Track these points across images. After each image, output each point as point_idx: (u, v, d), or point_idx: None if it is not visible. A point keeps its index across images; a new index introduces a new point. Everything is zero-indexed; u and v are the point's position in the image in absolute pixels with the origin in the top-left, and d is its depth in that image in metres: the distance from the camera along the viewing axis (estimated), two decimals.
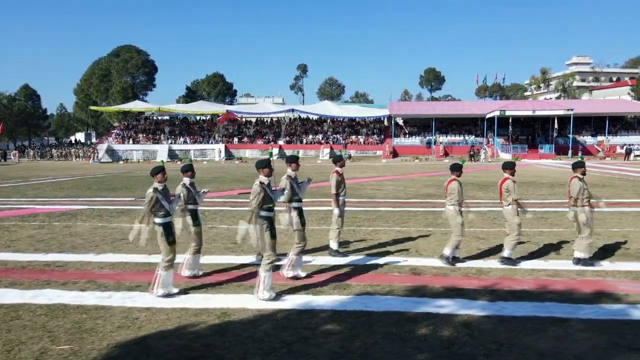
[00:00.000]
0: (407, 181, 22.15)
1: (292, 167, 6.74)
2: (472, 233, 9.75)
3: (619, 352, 4.24)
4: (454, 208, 7.37)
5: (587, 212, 7.21)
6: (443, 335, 4.65)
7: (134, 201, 15.27)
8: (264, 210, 5.78)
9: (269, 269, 5.71)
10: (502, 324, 4.92)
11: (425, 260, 7.57)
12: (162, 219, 5.98)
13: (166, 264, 5.93)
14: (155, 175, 6.05)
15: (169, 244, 5.98)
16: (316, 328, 4.86)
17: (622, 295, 5.84)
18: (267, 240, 5.75)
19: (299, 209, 6.80)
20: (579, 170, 7.35)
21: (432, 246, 8.61)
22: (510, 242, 7.27)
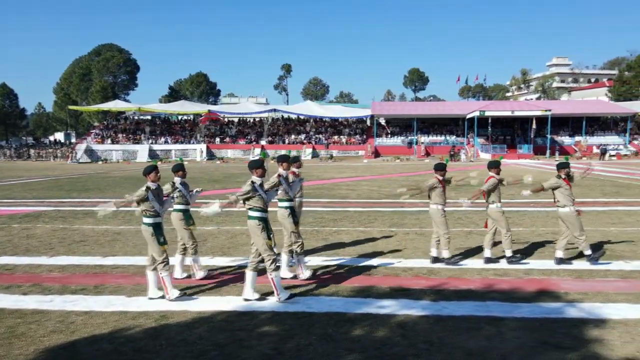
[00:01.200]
0: (384, 181, 22.23)
1: (284, 166, 6.71)
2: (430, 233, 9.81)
3: (545, 350, 4.30)
4: (436, 207, 7.39)
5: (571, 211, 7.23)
6: (377, 335, 4.67)
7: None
8: (256, 210, 5.71)
9: (275, 269, 5.62)
10: (438, 324, 4.96)
11: (378, 261, 7.60)
12: (152, 219, 5.88)
13: (163, 264, 5.83)
14: (148, 175, 5.97)
15: (160, 244, 5.87)
16: (253, 330, 4.84)
17: (563, 293, 5.93)
18: (263, 240, 5.66)
19: (291, 208, 6.78)
20: (564, 171, 7.41)
21: (391, 246, 8.65)
22: (506, 240, 7.33)
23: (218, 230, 10.29)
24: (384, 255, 8.01)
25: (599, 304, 5.50)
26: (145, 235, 5.92)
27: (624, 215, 11.67)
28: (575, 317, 5.12)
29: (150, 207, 5.86)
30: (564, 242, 7.34)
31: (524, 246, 8.53)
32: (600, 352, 4.24)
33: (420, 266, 7.27)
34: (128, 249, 8.69)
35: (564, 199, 7.25)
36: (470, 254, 8.01)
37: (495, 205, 7.41)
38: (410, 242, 9.00)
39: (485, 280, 6.55)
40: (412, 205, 13.98)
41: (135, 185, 20.97)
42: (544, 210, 12.46)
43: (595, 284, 6.31)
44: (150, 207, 5.86)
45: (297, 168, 8.26)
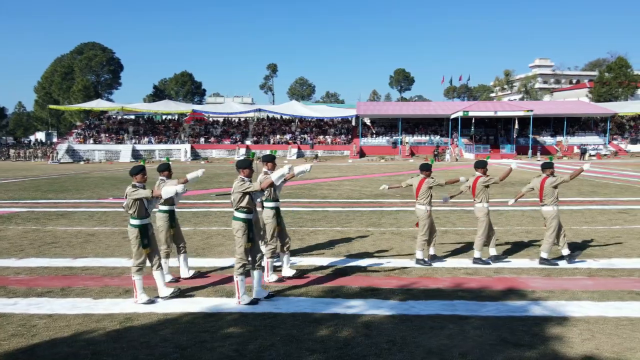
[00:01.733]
0: (367, 181, 22.30)
1: (269, 166, 6.66)
2: (408, 232, 9.88)
3: (504, 348, 4.35)
4: (424, 208, 7.38)
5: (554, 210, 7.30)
6: (341, 336, 4.67)
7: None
8: (242, 212, 5.62)
9: (242, 273, 5.56)
10: (403, 323, 4.98)
11: (351, 261, 7.61)
12: (139, 221, 5.76)
13: (137, 268, 5.71)
14: (135, 175, 5.85)
15: (142, 247, 5.74)
16: (217, 331, 4.81)
17: (529, 292, 6.01)
18: (242, 243, 5.58)
19: (277, 208, 6.73)
20: (548, 171, 7.47)
21: (366, 246, 8.67)
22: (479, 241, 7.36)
23: (194, 231, 10.20)
24: (358, 255, 8.02)
25: (563, 302, 5.58)
26: (130, 237, 5.80)
27: (598, 214, 11.88)
28: (538, 315, 5.19)
29: (140, 209, 5.75)
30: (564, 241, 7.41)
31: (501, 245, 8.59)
32: (559, 350, 4.30)
33: (392, 266, 7.30)
34: (100, 250, 8.57)
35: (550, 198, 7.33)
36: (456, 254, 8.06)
37: (481, 205, 7.43)
38: (385, 242, 9.03)
39: (455, 279, 6.60)
40: (391, 205, 14.05)
41: (114, 186, 20.71)
42: (520, 210, 12.62)
43: (562, 282, 6.41)
44: (138, 207, 5.74)
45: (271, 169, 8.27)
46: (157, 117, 56.10)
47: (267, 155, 6.86)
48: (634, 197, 15.07)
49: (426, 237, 7.35)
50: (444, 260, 7.55)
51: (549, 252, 7.34)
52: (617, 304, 5.49)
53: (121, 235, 9.84)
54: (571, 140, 47.98)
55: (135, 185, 5.79)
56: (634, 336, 4.57)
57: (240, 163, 5.80)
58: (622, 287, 6.14)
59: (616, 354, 4.22)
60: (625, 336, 4.58)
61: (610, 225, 10.34)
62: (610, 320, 4.98)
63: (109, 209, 13.53)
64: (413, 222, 11.02)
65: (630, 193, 16.07)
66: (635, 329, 4.74)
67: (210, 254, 8.25)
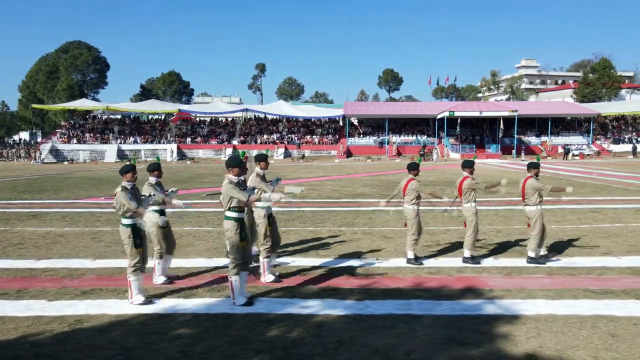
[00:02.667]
0: (349, 181, 22.32)
1: (261, 165, 6.58)
2: (379, 232, 9.91)
3: (450, 347, 4.37)
4: (412, 207, 7.36)
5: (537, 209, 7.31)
6: (291, 336, 4.66)
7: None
8: (234, 210, 5.54)
9: (236, 273, 5.51)
10: (355, 323, 4.98)
11: (317, 260, 7.60)
12: (130, 220, 5.64)
13: (133, 268, 5.61)
14: (125, 174, 5.73)
15: (135, 247, 5.63)
16: (167, 332, 4.77)
17: (487, 290, 6.05)
18: (236, 242, 5.52)
19: (268, 208, 6.66)
20: (534, 171, 7.49)
21: (335, 246, 8.67)
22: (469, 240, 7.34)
23: None
24: (325, 255, 8.02)
25: (518, 301, 5.63)
26: (122, 237, 5.70)
27: (569, 213, 12.01)
28: (491, 313, 5.22)
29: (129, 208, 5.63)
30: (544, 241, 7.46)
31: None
32: (503, 348, 4.34)
33: (356, 265, 7.30)
34: (66, 251, 8.46)
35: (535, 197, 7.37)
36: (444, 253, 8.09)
37: (469, 205, 7.43)
38: (355, 241, 9.04)
39: (416, 278, 6.62)
40: (369, 205, 14.09)
41: (94, 186, 20.50)
42: (494, 209, 12.72)
43: (521, 281, 6.46)
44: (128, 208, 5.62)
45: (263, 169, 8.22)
46: (143, 117, 55.65)
47: (260, 155, 6.77)
48: (608, 196, 15.27)
49: (416, 236, 7.34)
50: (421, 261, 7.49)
51: (535, 250, 7.36)
52: (569, 302, 5.54)
53: (90, 236, 9.74)
54: (555, 140, 48.52)
55: (125, 186, 5.66)
56: (579, 334, 4.62)
57: (230, 161, 5.71)
58: (579, 285, 6.21)
59: (558, 351, 4.26)
60: (570, 334, 4.63)
61: (579, 225, 10.46)
62: (559, 319, 5.03)
63: (83, 210, 13.38)
64: (386, 222, 11.08)
65: (605, 192, 16.28)
66: (582, 327, 4.79)
67: (178, 254, 8.18)
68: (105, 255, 8.10)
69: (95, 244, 8.96)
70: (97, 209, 13.43)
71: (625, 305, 5.41)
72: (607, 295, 5.77)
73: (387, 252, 8.18)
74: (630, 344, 4.38)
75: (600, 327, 4.80)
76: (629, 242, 8.70)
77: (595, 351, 4.25)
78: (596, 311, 5.22)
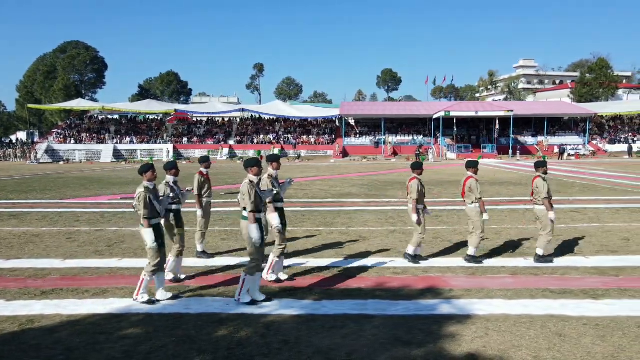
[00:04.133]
0: (339, 181, 22.32)
1: (274, 166, 6.55)
2: (356, 232, 9.90)
3: (393, 347, 4.35)
4: (474, 206, 7.29)
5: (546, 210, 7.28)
6: (238, 336, 4.66)
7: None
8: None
9: (252, 273, 5.50)
10: (306, 323, 4.96)
11: (287, 261, 7.56)
12: (152, 220, 5.61)
13: (153, 268, 5.59)
14: (145, 174, 5.68)
15: (158, 246, 5.61)
16: (115, 333, 4.76)
17: (447, 290, 6.03)
18: (257, 241, 5.47)
19: (281, 209, 6.64)
20: (542, 170, 7.46)
21: (307, 246, 8.66)
22: (475, 240, 7.30)
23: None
24: (295, 254, 8.01)
25: (475, 300, 5.61)
26: (144, 237, 5.63)
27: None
28: (444, 313, 5.21)
29: (151, 208, 5.60)
30: None
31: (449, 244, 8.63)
32: (446, 348, 4.32)
33: (322, 265, 7.29)
34: (37, 251, 8.45)
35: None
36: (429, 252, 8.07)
37: (473, 206, 7.39)
38: (327, 241, 9.03)
39: (380, 279, 6.60)
40: (353, 205, 14.08)
41: (83, 186, 20.50)
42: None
43: (483, 281, 6.44)
44: (150, 207, 5.59)
45: (206, 168, 8.23)
46: (140, 117, 55.70)
47: (272, 155, 6.71)
48: (593, 196, 15.23)
49: (423, 235, 7.29)
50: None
51: (544, 249, 7.34)
52: (526, 301, 5.53)
53: (66, 236, 9.74)
54: (552, 140, 48.52)
55: (148, 187, 5.62)
56: (527, 334, 4.61)
57: (248, 162, 5.71)
58: (540, 285, 6.19)
59: (500, 351, 4.25)
60: (518, 334, 4.61)
61: (557, 224, 10.42)
62: (511, 318, 5.01)
63: (65, 210, 13.39)
64: (365, 222, 11.07)
65: (591, 193, 16.25)
66: (531, 327, 4.78)
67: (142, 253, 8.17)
68: (75, 255, 8.10)
69: (69, 244, 8.96)
70: (80, 209, 13.44)
71: (580, 305, 5.39)
72: (565, 295, 5.75)
73: (358, 252, 8.16)
74: (574, 344, 4.37)
75: (550, 327, 4.78)
76: (602, 242, 8.69)
77: (538, 351, 4.24)
78: (550, 311, 5.20)
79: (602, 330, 4.69)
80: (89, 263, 7.58)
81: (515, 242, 8.81)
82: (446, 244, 8.70)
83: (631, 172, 24.84)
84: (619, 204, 13.56)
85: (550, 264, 7.21)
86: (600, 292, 5.88)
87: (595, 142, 49.06)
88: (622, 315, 5.07)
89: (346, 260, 7.59)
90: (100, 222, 11.40)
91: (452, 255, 7.88)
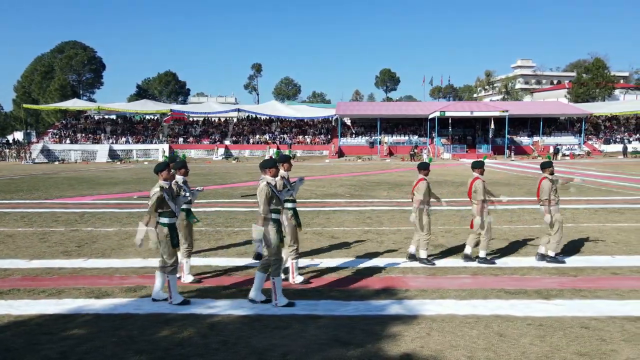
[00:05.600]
0: (328, 181, 22.32)
1: (285, 167, 6.51)
2: (329, 232, 9.89)
3: (331, 347, 4.35)
4: (424, 207, 7.30)
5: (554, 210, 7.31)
6: (179, 336, 4.65)
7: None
8: (272, 212, 5.53)
9: (278, 274, 5.50)
10: (252, 323, 4.96)
11: (249, 261, 7.56)
12: (167, 219, 5.59)
13: (171, 268, 5.59)
14: (160, 173, 5.65)
15: (172, 247, 5.61)
16: (59, 333, 4.76)
17: (402, 290, 6.02)
18: (275, 243, 5.49)
19: (293, 209, 6.66)
20: (548, 170, 7.44)
21: None
22: (483, 242, 7.27)
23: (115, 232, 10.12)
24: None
25: (427, 301, 5.60)
26: (160, 236, 5.60)
27: (526, 213, 12.00)
28: (392, 314, 5.20)
29: (167, 207, 5.59)
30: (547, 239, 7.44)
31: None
32: (383, 348, 4.31)
33: (286, 266, 7.26)
34: (6, 251, 8.45)
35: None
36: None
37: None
38: (301, 241, 8.99)
39: (340, 279, 6.59)
40: (334, 205, 14.08)
41: (72, 186, 20.51)
42: (455, 209, 12.69)
43: (441, 281, 6.43)
44: (166, 207, 5.59)
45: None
46: (137, 117, 55.73)
47: (283, 156, 6.69)
48: (575, 196, 15.20)
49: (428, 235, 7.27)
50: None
51: (556, 249, 7.34)
52: (477, 302, 5.52)
53: (39, 236, 9.74)
54: (547, 141, 48.43)
55: (163, 186, 5.59)
56: (468, 334, 4.60)
57: (265, 163, 5.70)
58: (496, 285, 6.18)
59: (436, 351, 4.24)
60: (459, 334, 4.60)
61: (532, 224, 10.43)
62: (457, 319, 5.01)
63: (46, 210, 13.40)
64: (342, 223, 11.07)
65: (586, 193, 16.21)
66: (475, 327, 4.77)
67: (123, 254, 8.20)
68: (42, 255, 8.10)
69: (40, 245, 8.96)
70: (61, 209, 13.45)
71: (530, 305, 5.39)
72: (518, 296, 5.75)
73: (327, 253, 8.17)
74: (512, 344, 4.36)
75: (493, 327, 4.78)
76: (572, 242, 8.69)
77: (474, 351, 4.23)
78: (498, 311, 5.19)
79: (544, 330, 4.69)
80: (54, 263, 7.58)
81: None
82: None
83: (621, 173, 24.81)
84: (599, 204, 13.55)
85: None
86: (554, 292, 5.87)
87: (591, 143, 48.99)
88: (568, 315, 5.06)
89: (312, 261, 7.59)
90: (78, 222, 11.41)
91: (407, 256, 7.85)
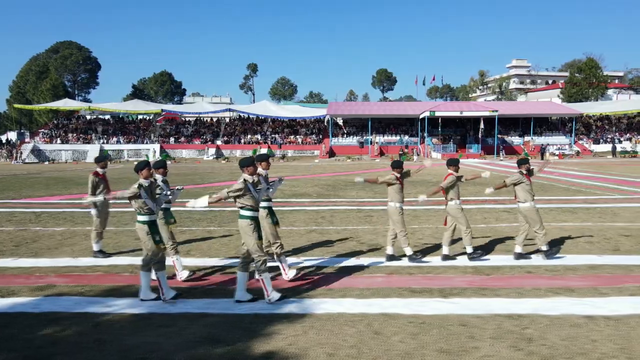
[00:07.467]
0: (305, 181, 22.29)
1: (263, 165, 6.60)
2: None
3: (200, 345, 4.35)
4: (394, 205, 7.34)
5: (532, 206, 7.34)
6: (58, 335, 4.66)
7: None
8: (248, 209, 5.58)
9: (265, 270, 5.54)
10: (139, 322, 4.98)
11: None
12: (146, 217, 5.68)
13: (158, 265, 5.64)
14: (140, 171, 5.77)
15: (155, 243, 5.65)
16: None
17: (309, 289, 6.02)
18: (255, 241, 5.54)
19: (269, 208, 6.71)
20: (524, 167, 7.53)
21: (216, 246, 8.64)
22: (467, 238, 7.32)
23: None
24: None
25: (326, 300, 5.57)
26: (140, 234, 5.70)
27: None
28: (283, 312, 5.17)
29: (144, 205, 5.68)
30: (522, 237, 7.48)
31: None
32: (251, 347, 4.31)
33: (220, 265, 7.26)
34: None
35: (525, 194, 7.37)
36: None
37: (454, 203, 7.40)
38: (239, 242, 9.01)
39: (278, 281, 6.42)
40: (295, 205, 14.09)
41: (47, 186, 20.59)
42: (433, 209, 12.63)
43: (354, 281, 6.35)
44: (143, 204, 5.68)
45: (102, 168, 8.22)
46: (131, 117, 55.86)
47: (261, 155, 6.74)
48: (538, 196, 15.15)
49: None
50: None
51: (546, 243, 7.37)
52: (374, 301, 5.48)
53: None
54: (538, 140, 48.38)
55: (142, 184, 5.69)
56: (344, 332, 4.60)
57: (244, 161, 5.76)
58: (404, 284, 6.14)
59: (301, 349, 4.24)
60: (335, 332, 4.60)
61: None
62: (344, 317, 4.99)
63: (5, 209, 13.46)
64: (293, 222, 11.07)
65: (542, 192, 16.16)
66: (355, 325, 4.75)
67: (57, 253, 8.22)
68: None
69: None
70: (21, 209, 13.50)
71: (424, 303, 5.38)
72: (421, 294, 5.74)
73: None
74: (381, 342, 4.37)
75: (374, 325, 4.78)
76: (508, 242, 8.66)
77: (337, 349, 4.24)
78: (390, 310, 5.18)
79: (422, 328, 4.69)
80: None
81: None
82: (357, 244, 8.69)
83: (601, 173, 24.71)
84: (558, 203, 13.54)
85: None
86: (457, 291, 5.87)
87: (582, 142, 48.91)
88: (455, 313, 5.06)
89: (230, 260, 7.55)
90: (32, 222, 11.43)
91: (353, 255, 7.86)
